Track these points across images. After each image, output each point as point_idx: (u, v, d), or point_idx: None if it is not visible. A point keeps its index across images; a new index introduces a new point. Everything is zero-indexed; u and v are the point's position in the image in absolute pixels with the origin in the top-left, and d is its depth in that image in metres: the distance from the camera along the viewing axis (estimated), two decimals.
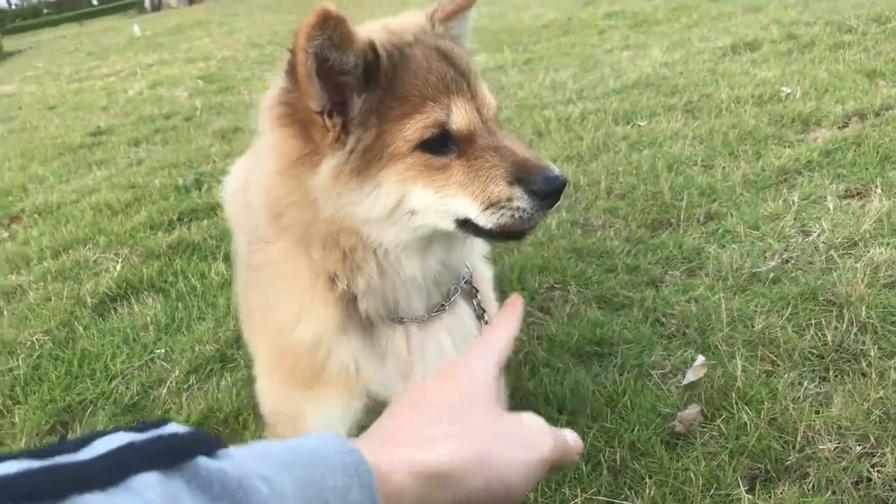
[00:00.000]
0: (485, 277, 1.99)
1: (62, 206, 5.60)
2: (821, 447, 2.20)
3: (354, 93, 1.45)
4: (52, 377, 3.16)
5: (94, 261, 4.35)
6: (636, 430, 2.39)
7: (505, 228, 1.53)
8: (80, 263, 4.34)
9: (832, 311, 2.83)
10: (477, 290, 1.89)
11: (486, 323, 1.91)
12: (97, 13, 36.83)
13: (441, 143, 1.49)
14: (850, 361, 2.56)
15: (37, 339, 3.45)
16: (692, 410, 2.43)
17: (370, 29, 1.54)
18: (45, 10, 46.00)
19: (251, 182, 1.69)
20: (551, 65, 7.77)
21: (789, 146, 4.38)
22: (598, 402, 2.56)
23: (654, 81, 6.30)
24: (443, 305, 1.78)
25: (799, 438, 2.25)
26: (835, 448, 2.20)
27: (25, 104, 12.02)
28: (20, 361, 3.28)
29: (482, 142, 1.53)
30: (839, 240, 3.28)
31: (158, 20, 29.11)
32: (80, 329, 3.52)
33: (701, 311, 2.98)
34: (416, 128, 1.47)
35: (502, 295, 3.32)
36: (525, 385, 2.70)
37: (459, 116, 1.50)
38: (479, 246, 2.03)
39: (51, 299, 3.86)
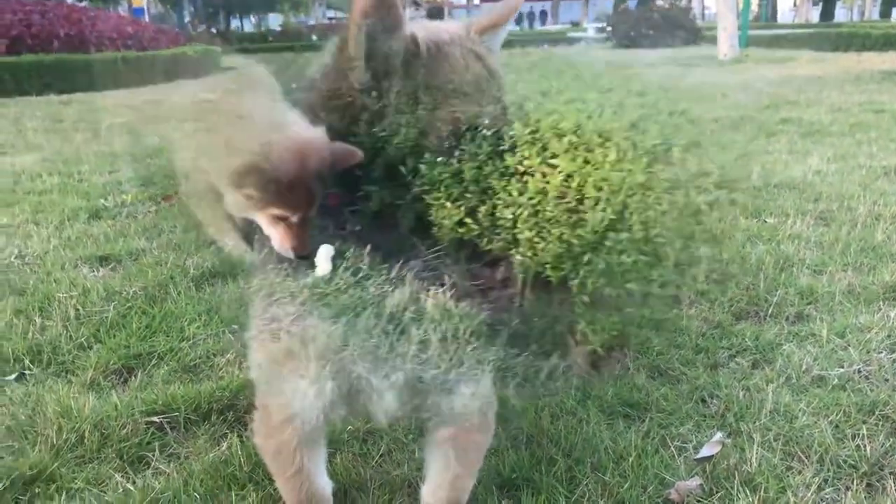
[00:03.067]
0: None
1: None
2: None
3: (392, 78, 1.58)
4: (134, 326, 3.48)
5: (214, 242, 4.72)
6: (629, 488, 2.34)
7: None
8: (200, 241, 4.73)
9: (885, 426, 2.64)
10: None
11: None
12: (310, 47, 39.75)
13: None
14: (885, 479, 2.38)
15: (133, 292, 3.81)
16: (692, 483, 2.35)
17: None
18: (269, 38, 49.91)
19: None
20: (700, 154, 7.64)
21: None
22: (606, 457, 2.52)
23: (799, 185, 6.07)
24: None
25: None
26: None
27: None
28: (111, 307, 3.63)
29: None
30: None
31: None
32: (174, 293, 3.85)
33: (747, 399, 2.86)
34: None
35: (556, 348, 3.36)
36: (540, 424, 2.70)
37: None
38: None
39: (161, 264, 4.24)
